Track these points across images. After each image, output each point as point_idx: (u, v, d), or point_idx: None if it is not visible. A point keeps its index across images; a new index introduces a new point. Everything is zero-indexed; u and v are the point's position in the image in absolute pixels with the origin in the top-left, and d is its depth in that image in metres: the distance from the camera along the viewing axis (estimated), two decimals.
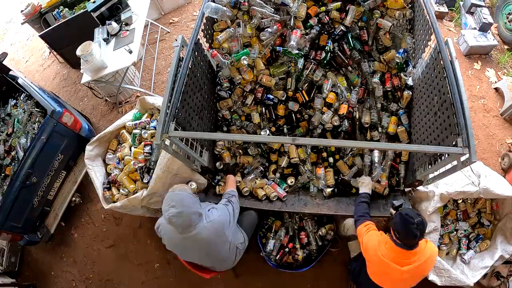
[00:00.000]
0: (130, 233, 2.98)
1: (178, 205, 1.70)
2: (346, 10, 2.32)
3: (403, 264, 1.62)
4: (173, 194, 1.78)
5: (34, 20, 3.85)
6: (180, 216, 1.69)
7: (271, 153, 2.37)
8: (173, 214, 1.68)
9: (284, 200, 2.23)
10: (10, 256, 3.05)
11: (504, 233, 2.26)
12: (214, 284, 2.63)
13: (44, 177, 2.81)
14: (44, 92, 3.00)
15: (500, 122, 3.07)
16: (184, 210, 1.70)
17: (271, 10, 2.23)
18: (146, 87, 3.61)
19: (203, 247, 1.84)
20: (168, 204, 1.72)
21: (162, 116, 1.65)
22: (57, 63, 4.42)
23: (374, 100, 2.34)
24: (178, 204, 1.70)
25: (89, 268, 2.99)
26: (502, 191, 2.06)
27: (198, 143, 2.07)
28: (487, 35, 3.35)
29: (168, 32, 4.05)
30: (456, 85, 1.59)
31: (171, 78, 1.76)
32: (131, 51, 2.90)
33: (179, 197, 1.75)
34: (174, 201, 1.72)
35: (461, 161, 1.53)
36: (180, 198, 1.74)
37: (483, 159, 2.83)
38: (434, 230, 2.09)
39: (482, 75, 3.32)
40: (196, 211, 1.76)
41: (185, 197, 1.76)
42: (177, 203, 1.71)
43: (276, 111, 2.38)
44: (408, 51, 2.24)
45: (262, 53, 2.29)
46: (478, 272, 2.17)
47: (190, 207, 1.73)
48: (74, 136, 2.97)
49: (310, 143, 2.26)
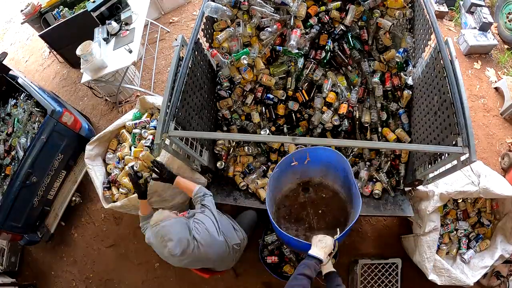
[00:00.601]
0: (130, 233, 2.98)
1: (172, 236, 1.64)
2: (346, 9, 2.31)
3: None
4: (161, 228, 1.67)
5: (34, 20, 3.85)
6: (181, 243, 1.64)
7: (271, 153, 2.37)
8: (173, 246, 1.62)
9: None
10: (10, 255, 3.05)
11: (504, 232, 2.26)
12: (214, 284, 2.64)
13: (44, 176, 2.81)
14: (44, 92, 3.00)
15: (500, 121, 3.07)
16: (181, 236, 1.65)
17: (271, 10, 2.23)
18: (146, 87, 3.61)
19: (200, 260, 1.82)
20: (163, 241, 1.65)
21: (162, 116, 1.65)
22: (57, 63, 4.42)
23: (374, 99, 2.34)
24: (172, 235, 1.64)
25: (89, 267, 2.99)
26: (502, 191, 2.07)
27: (198, 142, 2.07)
28: (487, 34, 3.35)
29: (168, 31, 4.06)
30: (456, 85, 1.59)
31: (171, 78, 1.76)
32: (131, 51, 2.90)
33: (167, 229, 1.67)
34: (167, 235, 1.64)
35: (461, 161, 1.53)
36: (168, 230, 1.66)
37: (483, 158, 2.83)
38: (433, 229, 2.09)
39: (482, 75, 3.32)
40: (188, 230, 1.70)
41: (173, 225, 1.68)
42: (171, 235, 1.64)
43: (276, 110, 2.38)
44: (408, 51, 2.24)
45: (262, 53, 2.28)
46: (478, 272, 2.17)
47: (184, 232, 1.68)
48: (74, 135, 2.98)
49: (310, 143, 2.25)
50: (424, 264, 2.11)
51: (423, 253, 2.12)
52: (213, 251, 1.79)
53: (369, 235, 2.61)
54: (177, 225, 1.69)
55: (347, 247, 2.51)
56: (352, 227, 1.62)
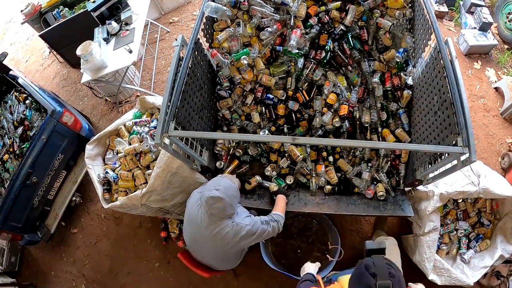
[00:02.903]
0: (130, 233, 2.98)
1: (222, 189, 1.70)
2: (346, 9, 2.31)
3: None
4: (222, 179, 1.79)
5: (34, 20, 3.86)
6: (219, 201, 1.69)
7: (271, 153, 2.37)
8: (214, 195, 1.68)
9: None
10: (10, 256, 3.05)
11: (504, 232, 2.26)
12: (214, 284, 2.64)
13: (44, 177, 2.82)
14: (44, 92, 3.01)
15: (500, 121, 3.07)
16: (225, 198, 1.70)
17: (271, 10, 2.23)
18: (146, 87, 3.61)
19: (215, 245, 1.83)
20: (214, 186, 1.73)
21: (162, 116, 1.65)
22: (57, 63, 4.42)
23: (374, 99, 2.33)
24: (223, 189, 1.71)
25: (89, 267, 2.99)
26: (502, 191, 2.06)
27: (198, 142, 2.07)
28: (487, 34, 3.35)
29: (168, 31, 4.06)
30: (456, 85, 1.59)
31: (171, 78, 1.76)
32: (131, 51, 2.90)
33: (226, 184, 1.76)
34: (220, 186, 1.72)
35: (461, 161, 1.52)
36: (226, 186, 1.75)
37: (483, 158, 2.83)
38: (433, 229, 2.09)
39: (482, 75, 3.32)
40: (233, 205, 1.77)
41: (231, 188, 1.77)
42: (223, 188, 1.71)
43: (276, 110, 2.38)
44: (408, 51, 2.24)
45: (262, 53, 2.28)
46: (478, 272, 2.17)
47: (231, 199, 1.74)
48: (74, 135, 2.98)
49: (310, 143, 2.26)
50: (424, 264, 2.11)
51: (423, 253, 2.12)
52: (228, 244, 1.81)
53: (369, 235, 2.61)
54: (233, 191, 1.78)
55: (347, 247, 2.51)
56: (352, 228, 1.63)
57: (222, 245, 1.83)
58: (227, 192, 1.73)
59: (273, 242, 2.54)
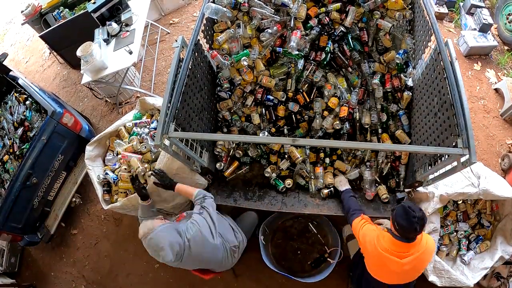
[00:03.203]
0: (130, 234, 2.98)
1: (163, 244, 1.63)
2: (346, 11, 2.32)
3: (403, 256, 1.61)
4: (149, 241, 1.67)
5: (34, 21, 3.86)
6: (173, 249, 1.64)
7: (271, 154, 2.37)
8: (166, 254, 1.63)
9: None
10: (10, 256, 3.05)
11: (504, 234, 2.26)
12: (214, 285, 2.63)
13: (44, 177, 2.82)
14: (44, 93, 3.01)
15: (500, 123, 3.07)
16: (171, 241, 1.65)
17: (271, 11, 2.23)
18: (146, 88, 3.61)
19: (196, 261, 1.84)
20: (155, 252, 1.65)
21: (162, 117, 1.65)
22: (57, 64, 4.42)
23: (374, 101, 2.34)
24: (162, 244, 1.64)
25: (88, 268, 2.99)
26: (502, 192, 2.06)
27: (198, 143, 2.07)
28: (487, 36, 3.35)
29: (168, 33, 4.06)
30: (456, 86, 1.59)
31: (171, 79, 1.76)
32: (131, 52, 2.90)
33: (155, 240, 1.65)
34: (158, 245, 1.64)
35: (461, 162, 1.53)
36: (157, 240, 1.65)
37: (483, 160, 2.83)
38: (433, 231, 2.09)
39: (482, 76, 3.32)
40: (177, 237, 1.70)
41: (160, 234, 1.67)
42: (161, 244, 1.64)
43: (276, 112, 2.38)
44: (408, 52, 2.24)
45: (262, 54, 2.29)
46: (478, 273, 2.17)
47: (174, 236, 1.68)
48: (74, 136, 2.98)
49: (310, 144, 2.26)
50: None
51: None
52: (207, 252, 1.80)
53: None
54: (163, 232, 1.68)
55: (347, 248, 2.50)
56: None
57: (203, 258, 1.83)
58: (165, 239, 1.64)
59: (273, 243, 2.54)
